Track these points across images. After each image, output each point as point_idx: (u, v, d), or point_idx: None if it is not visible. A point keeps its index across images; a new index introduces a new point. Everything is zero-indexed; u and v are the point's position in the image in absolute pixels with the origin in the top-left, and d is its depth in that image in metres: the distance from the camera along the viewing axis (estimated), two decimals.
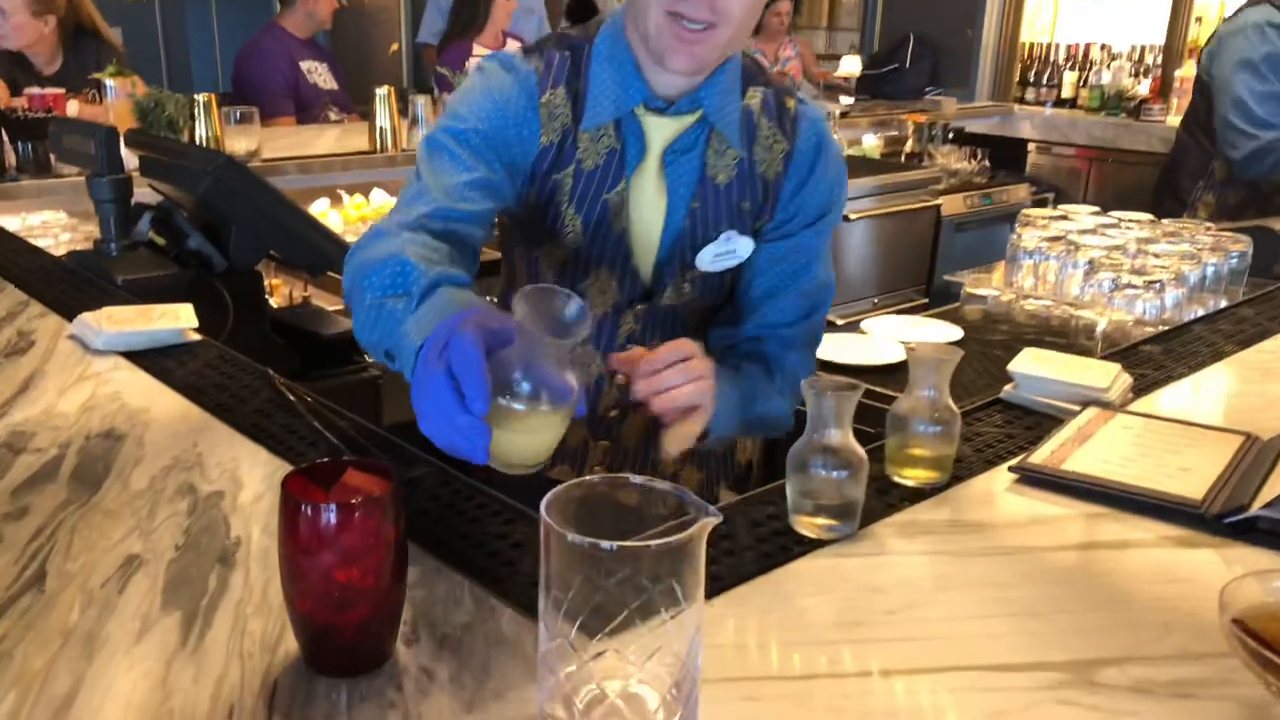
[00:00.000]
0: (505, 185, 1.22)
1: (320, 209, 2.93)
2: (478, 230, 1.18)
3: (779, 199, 1.31)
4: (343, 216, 2.95)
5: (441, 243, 1.10)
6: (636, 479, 0.71)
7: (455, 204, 1.15)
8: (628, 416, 1.35)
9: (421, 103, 3.18)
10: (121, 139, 1.81)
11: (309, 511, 0.71)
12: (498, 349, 0.83)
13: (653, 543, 0.65)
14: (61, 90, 2.86)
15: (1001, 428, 1.25)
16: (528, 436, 0.85)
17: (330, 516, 0.71)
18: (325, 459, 0.80)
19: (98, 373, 1.33)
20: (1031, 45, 5.51)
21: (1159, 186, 3.23)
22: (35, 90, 2.77)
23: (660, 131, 1.24)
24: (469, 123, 1.20)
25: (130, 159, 2.10)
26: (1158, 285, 1.84)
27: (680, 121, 1.24)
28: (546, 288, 0.85)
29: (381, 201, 3.02)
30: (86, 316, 1.44)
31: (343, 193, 3.04)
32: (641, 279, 1.29)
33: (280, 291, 2.82)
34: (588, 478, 0.70)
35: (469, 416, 0.79)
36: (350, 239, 2.74)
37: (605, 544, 0.65)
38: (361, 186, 3.10)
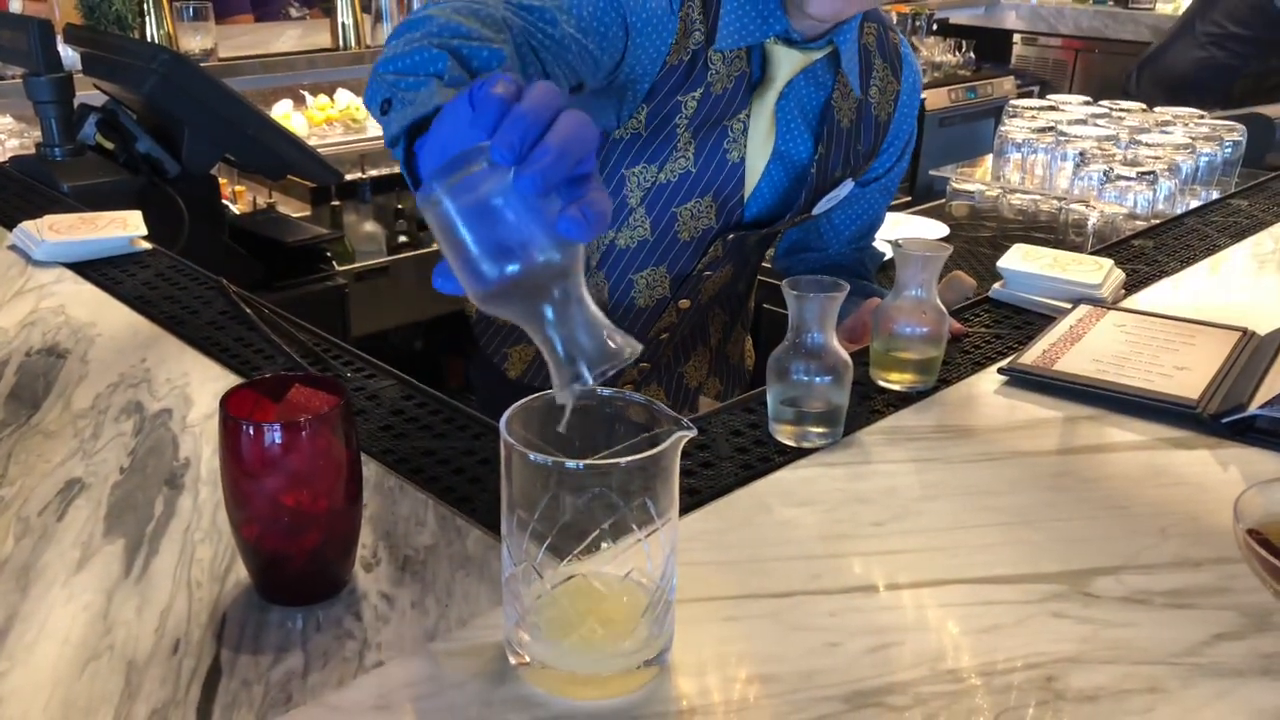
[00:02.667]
0: (597, 76, 1.08)
1: (283, 110, 2.82)
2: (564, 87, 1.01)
3: (885, 140, 1.32)
4: (307, 118, 2.84)
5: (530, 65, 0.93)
6: (605, 391, 0.66)
7: (568, 48, 0.98)
8: (675, 337, 1.36)
9: None
10: (60, 34, 1.70)
11: (250, 432, 0.65)
12: None
13: (623, 459, 0.60)
14: None
15: (990, 328, 1.20)
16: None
17: (274, 437, 0.65)
18: (268, 375, 0.74)
19: (40, 285, 1.26)
20: None
21: (1150, 95, 3.14)
22: None
23: (787, 63, 1.18)
24: None
25: (74, 57, 1.99)
26: (1150, 177, 1.78)
27: (808, 56, 1.18)
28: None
29: (347, 102, 2.91)
30: (27, 225, 1.36)
31: (306, 93, 2.93)
32: (742, 208, 1.25)
33: (244, 198, 2.73)
34: (550, 391, 0.65)
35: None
36: (314, 141, 2.66)
37: (571, 463, 0.60)
38: (325, 87, 2.99)
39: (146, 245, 1.39)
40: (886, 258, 1.51)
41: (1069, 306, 1.21)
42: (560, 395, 0.60)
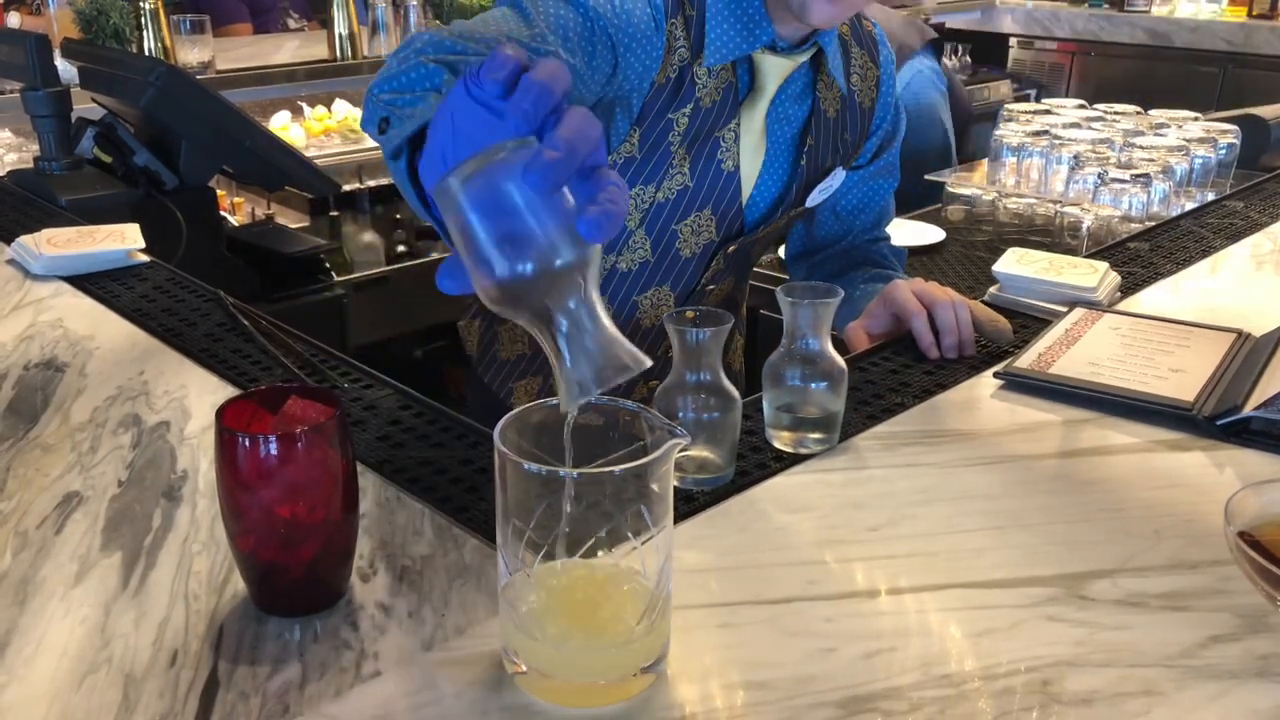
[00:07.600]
0: (586, 97, 1.05)
1: (281, 122, 2.82)
2: None
3: (871, 125, 1.31)
4: (305, 129, 2.85)
5: None
6: (599, 399, 0.67)
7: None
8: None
9: (382, 7, 3.04)
10: (57, 49, 1.71)
11: (246, 444, 0.65)
12: None
13: (617, 468, 0.61)
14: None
15: None
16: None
17: (270, 448, 0.66)
18: (264, 386, 0.74)
19: (38, 299, 1.27)
20: None
21: None
22: None
23: (775, 69, 1.18)
24: (591, 5, 1.03)
25: (72, 71, 2.00)
26: (1145, 179, 1.79)
27: (794, 60, 1.19)
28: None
29: (345, 113, 2.92)
30: (25, 239, 1.36)
31: (304, 105, 2.93)
32: (742, 217, 1.25)
33: (242, 210, 2.74)
34: (547, 400, 0.66)
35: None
36: (312, 152, 2.67)
37: (565, 471, 0.60)
38: (323, 98, 2.99)
39: (144, 258, 1.39)
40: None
41: (1064, 310, 1.21)
42: (564, 404, 0.59)
